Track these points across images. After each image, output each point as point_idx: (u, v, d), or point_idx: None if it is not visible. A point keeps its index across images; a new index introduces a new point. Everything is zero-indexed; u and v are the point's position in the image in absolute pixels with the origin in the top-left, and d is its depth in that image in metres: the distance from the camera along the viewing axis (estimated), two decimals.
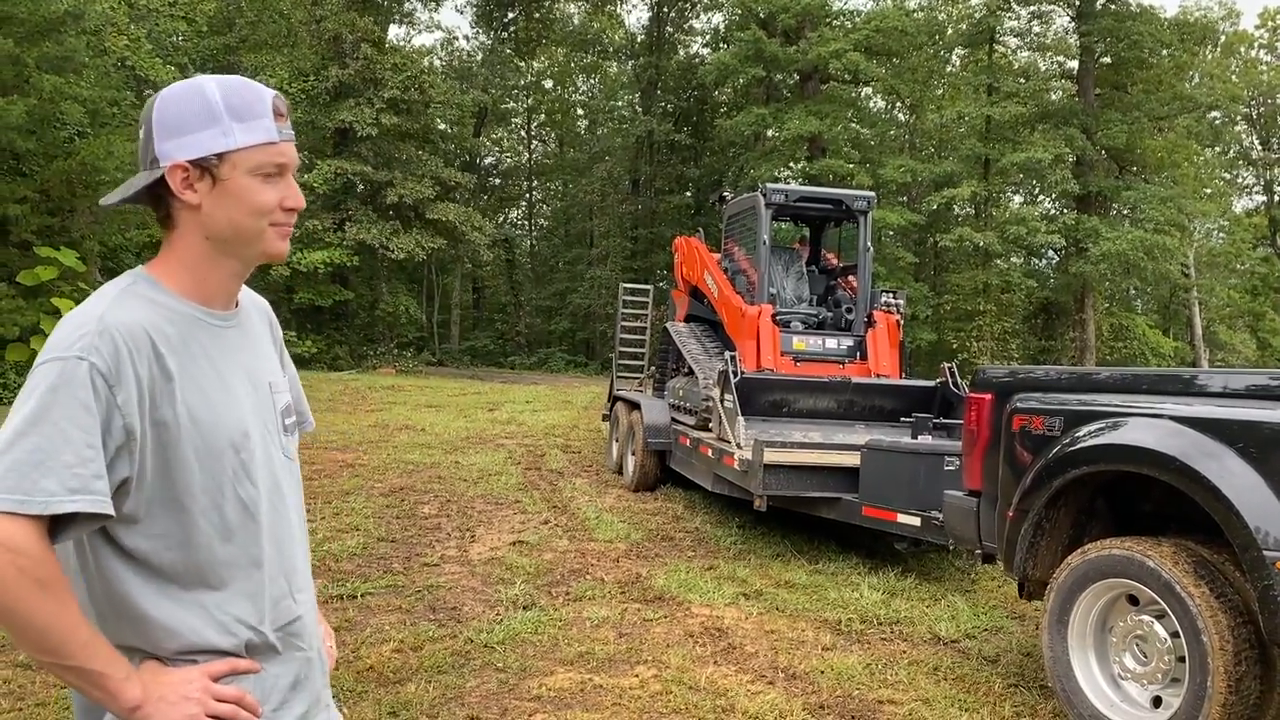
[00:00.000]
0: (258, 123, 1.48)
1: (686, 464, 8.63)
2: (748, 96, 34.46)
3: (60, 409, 1.31)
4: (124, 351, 1.37)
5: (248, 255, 1.53)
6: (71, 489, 1.29)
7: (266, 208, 1.49)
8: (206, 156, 1.44)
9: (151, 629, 1.42)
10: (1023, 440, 4.25)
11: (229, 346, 1.54)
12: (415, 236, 27.56)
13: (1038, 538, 4.15)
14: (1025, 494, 4.13)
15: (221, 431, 1.47)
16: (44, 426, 1.30)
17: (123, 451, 1.37)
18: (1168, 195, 26.92)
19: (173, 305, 1.48)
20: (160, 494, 1.42)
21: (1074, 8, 28.71)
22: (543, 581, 6.26)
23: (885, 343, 8.63)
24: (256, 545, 1.52)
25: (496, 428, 14.29)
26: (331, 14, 27.36)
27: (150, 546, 1.42)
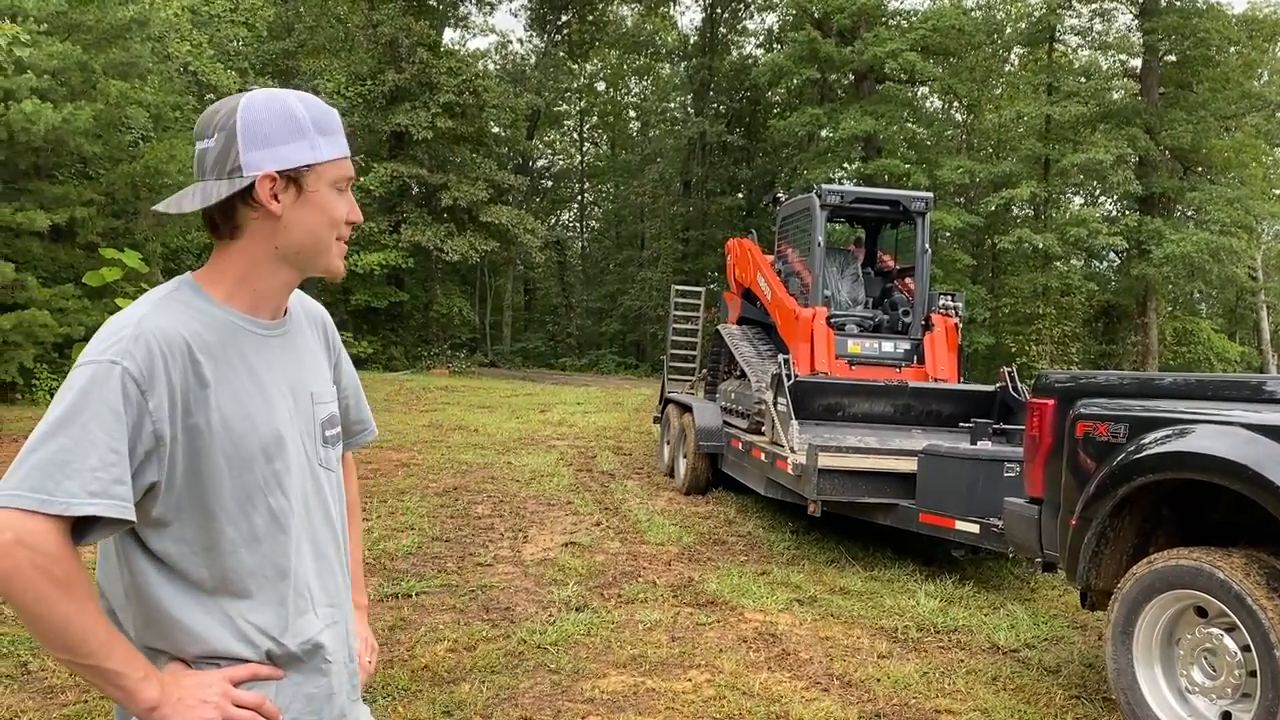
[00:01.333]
0: (337, 137, 1.53)
1: (738, 467, 8.58)
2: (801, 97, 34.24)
3: (89, 412, 1.32)
4: (158, 356, 1.38)
5: (311, 267, 1.56)
6: (92, 492, 1.30)
7: (340, 218, 1.54)
8: (297, 168, 1.47)
9: (176, 632, 1.44)
10: (1086, 447, 4.15)
11: (271, 355, 1.55)
12: (469, 239, 27.81)
13: (1101, 547, 4.05)
14: (1089, 502, 4.04)
15: (254, 440, 1.47)
16: (72, 429, 1.31)
17: (152, 456, 1.38)
18: (1234, 196, 26.21)
19: (215, 313, 1.49)
20: (190, 499, 1.43)
21: (1137, 5, 28.09)
22: (595, 583, 6.25)
23: (943, 346, 8.49)
24: (284, 556, 1.52)
25: (548, 429, 14.35)
26: (388, 18, 27.72)
27: (178, 551, 1.43)
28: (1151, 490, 3.91)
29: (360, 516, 1.99)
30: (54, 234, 16.45)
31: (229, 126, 1.45)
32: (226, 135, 1.45)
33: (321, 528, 1.61)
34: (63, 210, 15.61)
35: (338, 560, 1.66)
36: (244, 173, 1.44)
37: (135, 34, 16.58)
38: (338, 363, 1.78)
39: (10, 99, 13.72)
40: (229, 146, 1.45)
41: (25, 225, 14.93)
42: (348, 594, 1.69)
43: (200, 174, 1.47)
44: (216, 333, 1.47)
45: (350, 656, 1.67)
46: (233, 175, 1.45)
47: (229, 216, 1.48)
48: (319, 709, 1.56)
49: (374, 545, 6.91)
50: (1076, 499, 4.15)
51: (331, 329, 1.79)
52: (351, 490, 1.86)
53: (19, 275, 14.87)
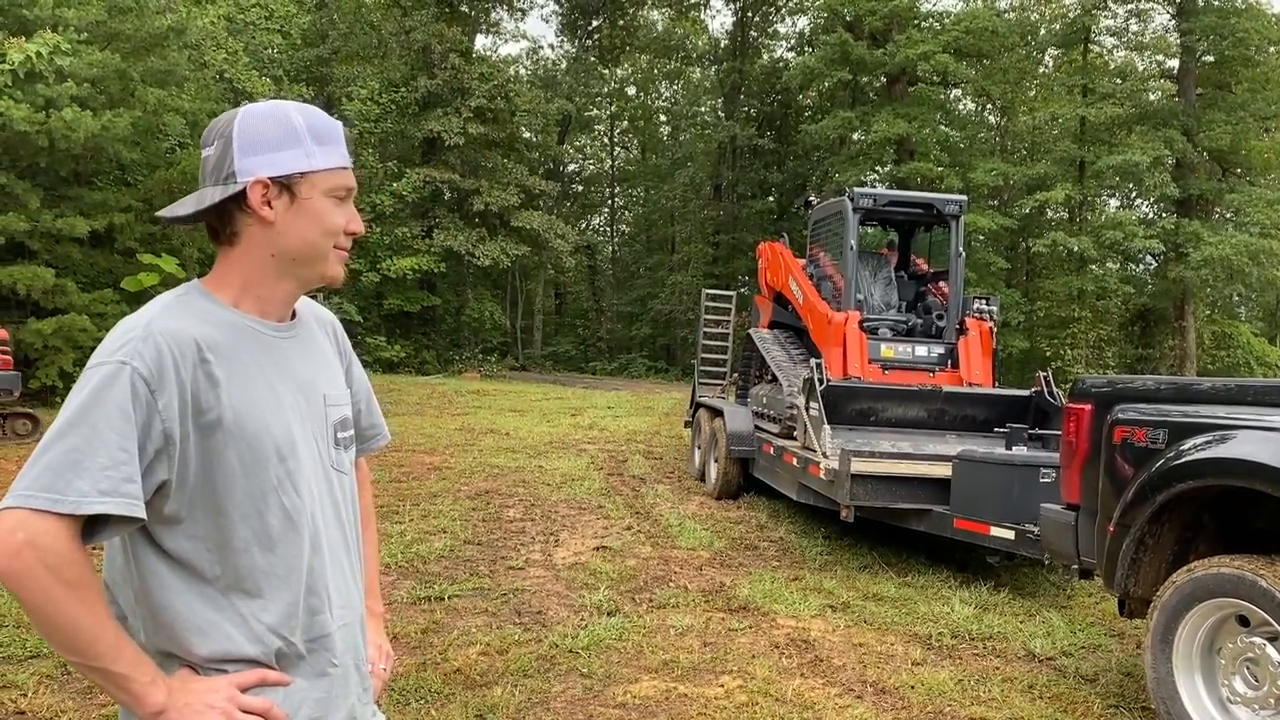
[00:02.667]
0: (335, 147, 1.54)
1: (770, 472, 8.54)
2: (833, 100, 34.10)
3: (99, 412, 1.35)
4: (168, 357, 1.40)
5: (309, 276, 1.57)
6: (102, 490, 1.32)
7: (337, 228, 1.55)
8: (290, 174, 1.49)
9: (186, 632, 1.44)
10: (1124, 453, 4.10)
11: (282, 356, 1.57)
12: (500, 243, 27.95)
13: (1140, 554, 3.99)
14: (1127, 508, 3.98)
15: (267, 439, 1.49)
16: (82, 429, 1.34)
17: (161, 455, 1.40)
18: (1275, 198, 25.81)
19: (224, 315, 1.51)
20: (202, 496, 1.44)
21: (1174, 5, 27.74)
22: (626, 588, 6.25)
23: (978, 350, 8.42)
24: (298, 555, 1.53)
25: (579, 433, 14.37)
26: (421, 25, 27.92)
27: (190, 547, 1.44)
28: (1192, 497, 3.85)
29: (375, 525, 2.00)
30: (93, 240, 16.69)
31: (226, 134, 1.49)
32: (224, 142, 1.49)
33: (334, 529, 1.63)
34: (102, 216, 15.86)
35: (348, 563, 1.67)
36: (238, 179, 1.47)
37: (172, 42, 16.84)
38: (349, 368, 1.80)
39: (51, 107, 13.95)
40: (225, 153, 1.48)
41: (65, 231, 15.18)
42: (359, 598, 1.70)
43: (201, 180, 1.51)
44: (226, 334, 1.49)
45: (361, 660, 1.68)
46: (227, 181, 1.47)
47: (226, 222, 1.51)
48: (328, 713, 1.57)
49: (407, 548, 6.95)
50: (1114, 505, 4.09)
51: (341, 334, 1.81)
52: (365, 497, 1.87)
53: (59, 280, 15.12)
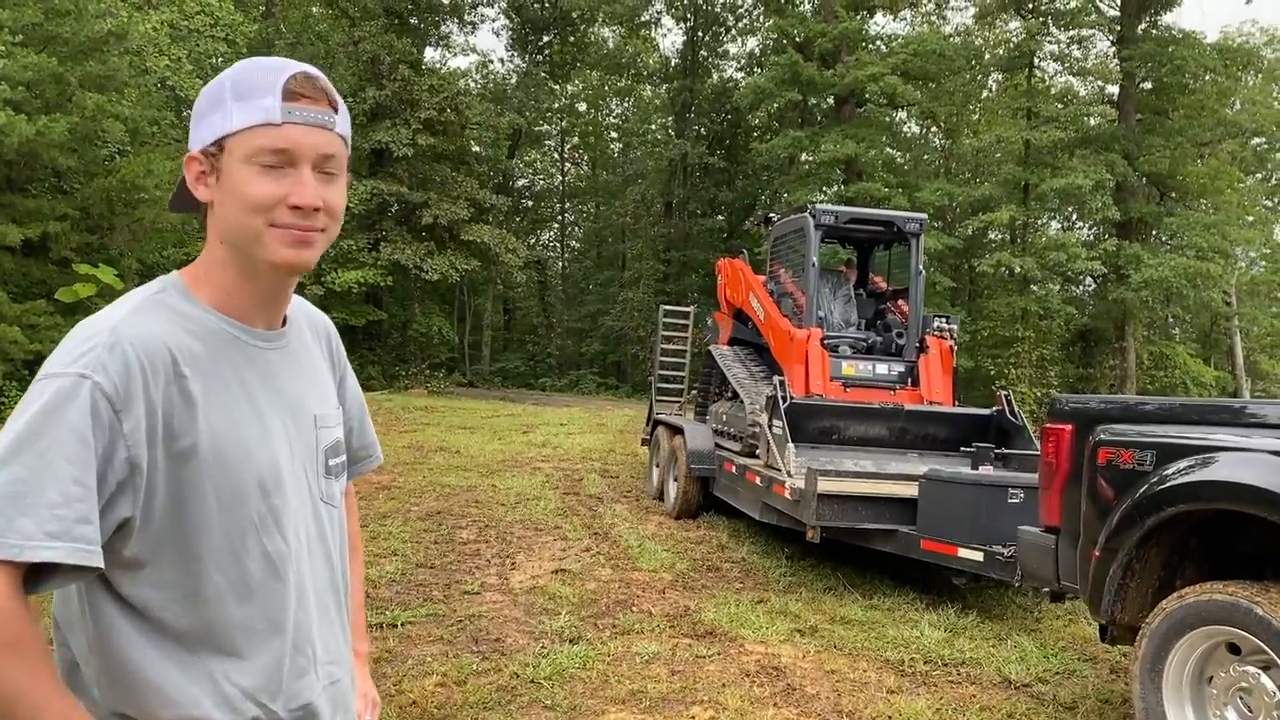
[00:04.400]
0: (256, 101, 1.25)
1: (732, 491, 8.39)
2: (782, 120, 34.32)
3: (50, 436, 1.11)
4: (136, 370, 1.18)
5: (254, 263, 1.30)
6: (50, 533, 1.09)
7: (261, 202, 1.25)
8: (209, 144, 1.26)
9: (147, 694, 1.21)
10: (1109, 475, 4.00)
11: (269, 371, 1.34)
12: (449, 258, 27.58)
13: (1127, 579, 3.89)
14: (1113, 532, 3.88)
15: (249, 470, 1.26)
16: (27, 455, 1.10)
17: (125, 487, 1.17)
18: (1211, 222, 26.46)
19: (203, 319, 1.28)
20: (170, 536, 1.21)
21: (1115, 32, 28.37)
22: (588, 613, 6.04)
23: (938, 369, 8.36)
24: (281, 609, 1.31)
25: (532, 450, 14.12)
26: (369, 35, 27.54)
27: (155, 597, 1.21)
28: (1180, 521, 3.75)
29: (361, 553, 1.76)
30: (26, 249, 16.10)
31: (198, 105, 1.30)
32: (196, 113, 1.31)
33: (322, 574, 1.40)
34: (35, 225, 15.29)
35: (338, 611, 1.45)
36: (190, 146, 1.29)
37: (113, 47, 16.35)
38: (342, 380, 1.57)
39: None
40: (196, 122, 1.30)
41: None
42: (348, 649, 1.48)
43: None
44: (205, 343, 1.27)
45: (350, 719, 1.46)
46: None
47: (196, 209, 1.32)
48: None
49: None
50: (1099, 529, 3.99)
51: (336, 341, 1.58)
52: (353, 524, 1.64)
53: None
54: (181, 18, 20.18)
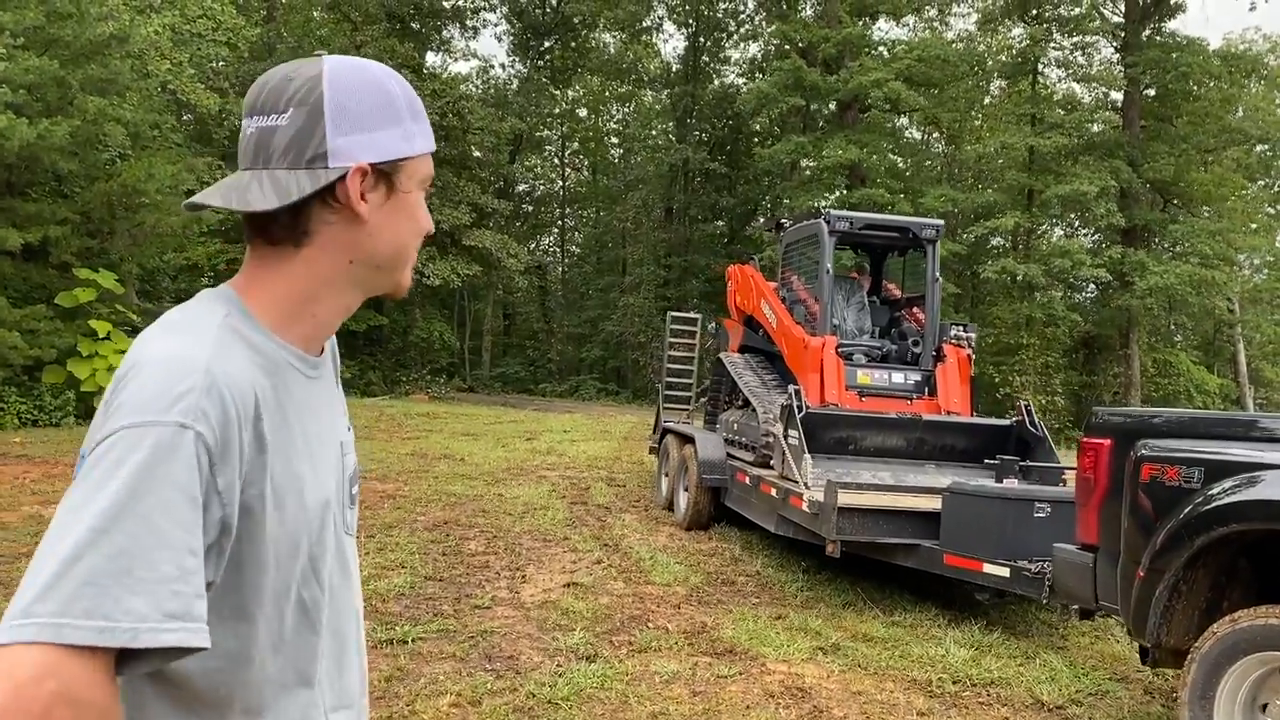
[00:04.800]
0: (425, 126, 1.19)
1: (745, 503, 8.24)
2: (784, 125, 34.23)
3: (155, 497, 0.94)
4: (233, 418, 1.02)
5: (382, 285, 1.22)
6: (170, 613, 0.92)
7: (428, 230, 1.23)
8: (394, 160, 1.15)
9: None
10: (1153, 492, 3.86)
11: (316, 402, 1.21)
12: (451, 263, 27.46)
13: (1173, 601, 3.74)
14: (1160, 553, 3.73)
15: (302, 517, 1.12)
16: (131, 521, 0.92)
17: (212, 552, 1.01)
18: (1217, 229, 26.36)
19: (270, 349, 1.13)
20: (226, 599, 1.06)
21: (1119, 39, 28.30)
22: (602, 629, 5.89)
23: (955, 378, 8.22)
24: (311, 660, 1.17)
25: (537, 458, 13.96)
26: (371, 40, 27.43)
27: (197, 666, 1.04)
28: (1231, 541, 3.61)
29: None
30: (26, 253, 15.96)
31: (312, 101, 1.10)
32: (309, 112, 1.10)
33: (344, 614, 1.26)
34: (36, 229, 15.15)
35: (356, 652, 1.30)
36: (329, 162, 1.10)
37: (114, 50, 16.20)
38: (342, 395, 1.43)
39: None
40: (312, 127, 1.10)
41: None
42: (364, 694, 1.33)
43: (259, 160, 1.12)
44: (272, 377, 1.11)
45: None
46: (313, 165, 1.10)
47: (300, 218, 1.12)
48: None
49: (364, 585, 6.52)
50: (1142, 548, 3.85)
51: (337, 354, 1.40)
52: None
53: None
54: (183, 21, 20.06)
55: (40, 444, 13.42)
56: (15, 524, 8.21)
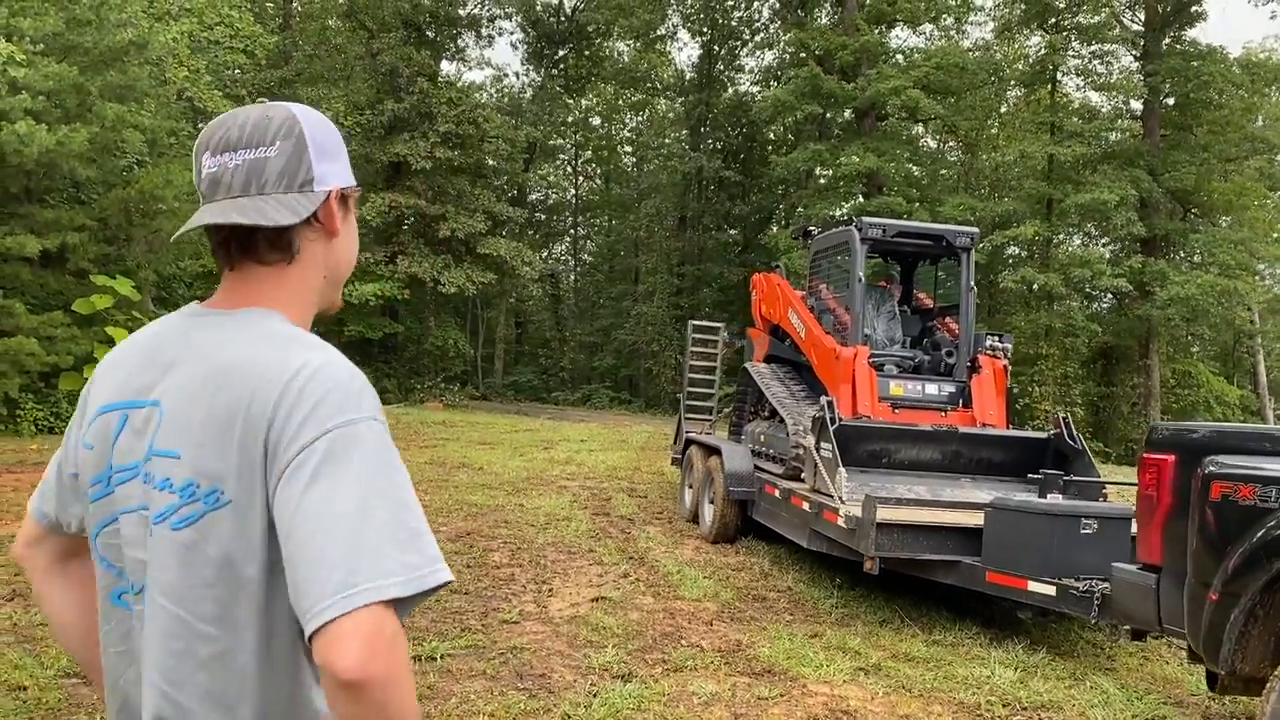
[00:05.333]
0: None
1: (774, 516, 8.07)
2: (800, 133, 34.07)
3: (400, 473, 1.17)
4: None
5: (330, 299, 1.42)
6: (434, 556, 1.14)
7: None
8: (350, 186, 1.38)
9: None
10: (1225, 511, 3.69)
11: None
12: (466, 270, 27.37)
13: (1249, 627, 3.57)
14: (1235, 575, 3.56)
15: None
16: (402, 491, 1.15)
17: None
18: (1239, 238, 26.10)
19: None
20: None
21: (1139, 47, 28.09)
22: (634, 646, 5.73)
23: (991, 389, 8.03)
24: None
25: (555, 468, 13.81)
26: (388, 48, 27.40)
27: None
28: None
29: None
30: (44, 260, 15.91)
31: (295, 135, 1.30)
32: (294, 144, 1.30)
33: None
34: (54, 235, 15.09)
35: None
36: (315, 187, 1.31)
37: (133, 57, 16.17)
38: None
39: (3, 119, 13.24)
40: (299, 156, 1.30)
41: (15, 250, 14.40)
42: None
43: (250, 188, 1.27)
44: None
45: None
46: (304, 189, 1.30)
47: (290, 236, 1.31)
48: None
49: None
50: (1213, 570, 3.68)
51: None
52: None
53: (6, 301, 14.34)
54: (201, 29, 20.02)
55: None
56: None
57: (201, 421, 1.18)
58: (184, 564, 1.17)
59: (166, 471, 1.19)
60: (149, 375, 1.27)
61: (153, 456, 1.21)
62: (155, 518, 1.19)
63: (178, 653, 1.18)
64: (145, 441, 1.23)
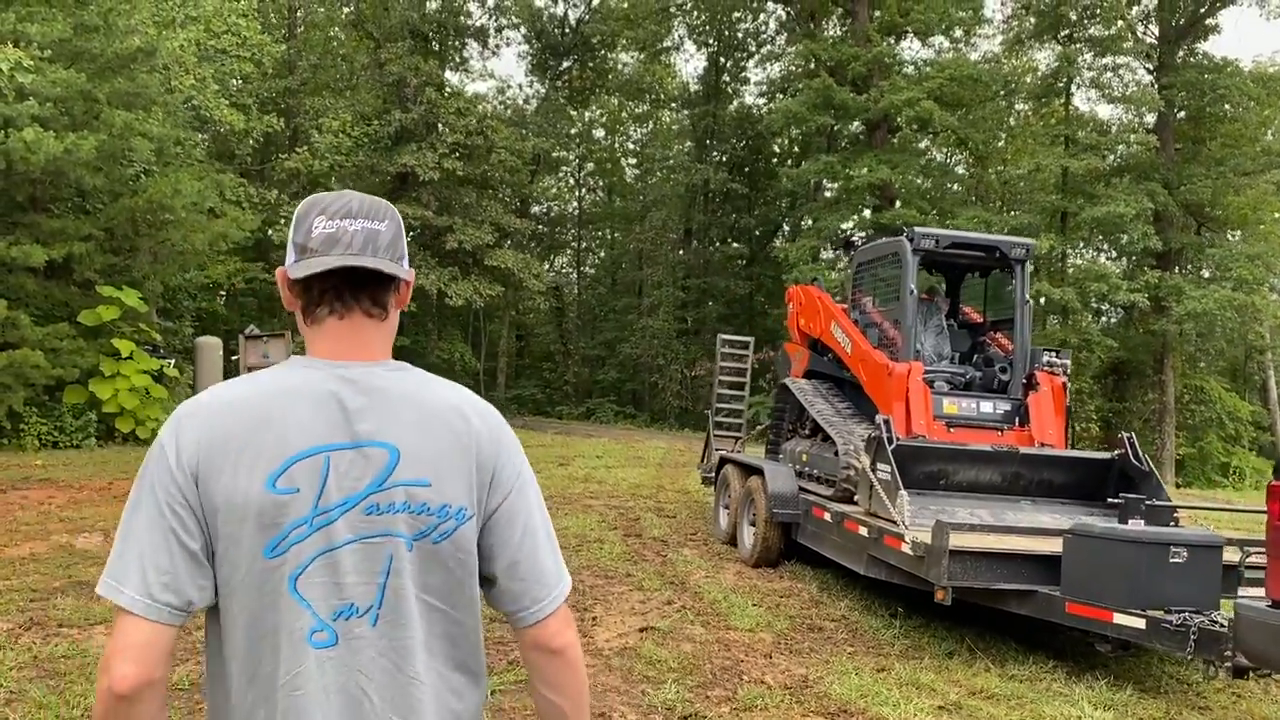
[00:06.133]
0: None
1: (822, 540, 7.70)
2: (808, 146, 33.80)
3: None
4: None
5: None
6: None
7: None
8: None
9: None
10: None
11: None
12: (474, 282, 27.01)
13: None
14: None
15: None
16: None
17: None
18: (1256, 253, 25.85)
19: None
20: None
21: (1153, 60, 27.88)
22: (694, 682, 5.37)
23: (1050, 408, 7.68)
24: None
25: (576, 486, 13.42)
26: (395, 57, 27.10)
27: None
28: None
29: None
30: (49, 270, 15.57)
31: (395, 219, 1.53)
32: (396, 226, 1.53)
33: None
34: (60, 245, 14.75)
35: None
36: (404, 263, 1.53)
37: (141, 64, 15.85)
38: None
39: (10, 126, 12.91)
40: (400, 236, 1.53)
41: (20, 260, 14.06)
42: None
43: (367, 250, 1.46)
44: None
45: None
46: (401, 261, 1.52)
47: (391, 293, 1.54)
48: None
49: None
50: None
51: None
52: None
53: (11, 313, 13.97)
54: (209, 36, 19.70)
55: (62, 467, 12.96)
56: (46, 554, 7.73)
57: (438, 454, 1.46)
58: (444, 569, 1.46)
59: (421, 497, 1.43)
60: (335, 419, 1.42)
61: (393, 487, 1.42)
62: (416, 535, 1.43)
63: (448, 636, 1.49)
64: (372, 477, 1.41)
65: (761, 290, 36.56)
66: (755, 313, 36.33)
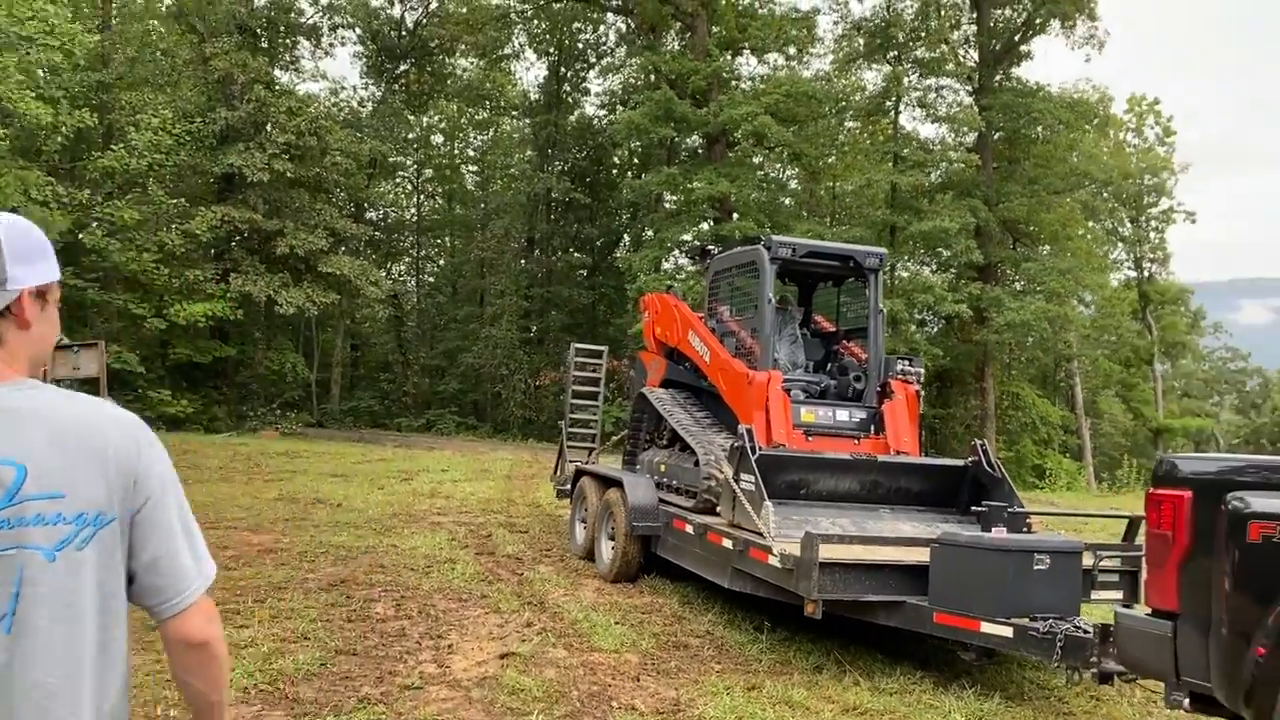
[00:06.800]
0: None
1: (684, 553, 7.54)
2: (649, 158, 33.99)
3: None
4: None
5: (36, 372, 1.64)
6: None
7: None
8: (47, 283, 1.64)
9: None
10: (1268, 554, 3.37)
11: None
12: (306, 290, 25.79)
13: None
14: None
15: None
16: None
17: None
18: (1067, 267, 27.53)
19: None
20: None
21: (973, 82, 29.37)
22: (562, 711, 5.08)
23: (904, 415, 7.76)
24: None
25: (422, 501, 12.86)
26: (221, 53, 25.65)
27: None
28: None
29: None
30: None
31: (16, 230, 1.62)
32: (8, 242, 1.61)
33: None
34: None
35: None
36: (8, 286, 1.56)
37: None
38: None
39: None
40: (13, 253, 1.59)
41: None
42: None
43: None
44: None
45: None
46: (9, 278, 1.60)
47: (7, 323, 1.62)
48: None
49: (265, 662, 5.50)
50: (1256, 620, 3.36)
51: None
52: None
53: None
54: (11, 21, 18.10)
55: None
56: None
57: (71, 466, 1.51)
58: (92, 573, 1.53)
59: (55, 509, 1.49)
60: None
61: (23, 502, 1.47)
62: (58, 545, 1.49)
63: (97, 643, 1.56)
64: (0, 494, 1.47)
65: (604, 300, 36.54)
66: (598, 321, 36.26)
